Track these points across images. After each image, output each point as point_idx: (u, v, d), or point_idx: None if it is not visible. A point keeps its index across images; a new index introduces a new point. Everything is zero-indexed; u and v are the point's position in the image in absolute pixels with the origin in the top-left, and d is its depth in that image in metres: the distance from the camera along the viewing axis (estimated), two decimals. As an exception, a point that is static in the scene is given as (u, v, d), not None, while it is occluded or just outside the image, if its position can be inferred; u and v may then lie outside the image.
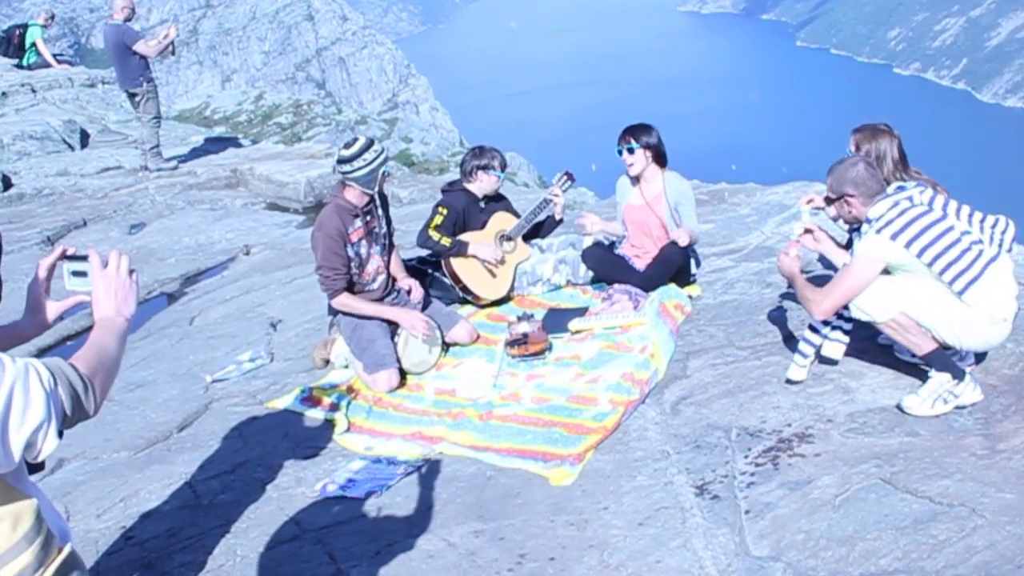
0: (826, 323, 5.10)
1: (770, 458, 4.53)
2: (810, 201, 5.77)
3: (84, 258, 2.37)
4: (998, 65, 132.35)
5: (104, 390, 2.23)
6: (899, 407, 4.74)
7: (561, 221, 7.28)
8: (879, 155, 5.27)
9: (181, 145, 14.65)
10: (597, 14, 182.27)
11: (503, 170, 7.04)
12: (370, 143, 5.95)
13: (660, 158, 6.64)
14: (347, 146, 5.95)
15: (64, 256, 2.42)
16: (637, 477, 4.54)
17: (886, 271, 4.76)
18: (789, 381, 5.19)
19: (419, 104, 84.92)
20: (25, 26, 18.59)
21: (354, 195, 5.95)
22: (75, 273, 2.39)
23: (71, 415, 2.14)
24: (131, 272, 2.44)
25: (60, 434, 2.11)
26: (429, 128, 65.58)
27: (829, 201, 4.99)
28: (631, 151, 6.57)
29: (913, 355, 4.90)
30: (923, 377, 4.84)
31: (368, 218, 6.04)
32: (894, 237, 4.63)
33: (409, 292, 6.30)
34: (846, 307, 4.85)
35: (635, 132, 6.61)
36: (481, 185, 6.99)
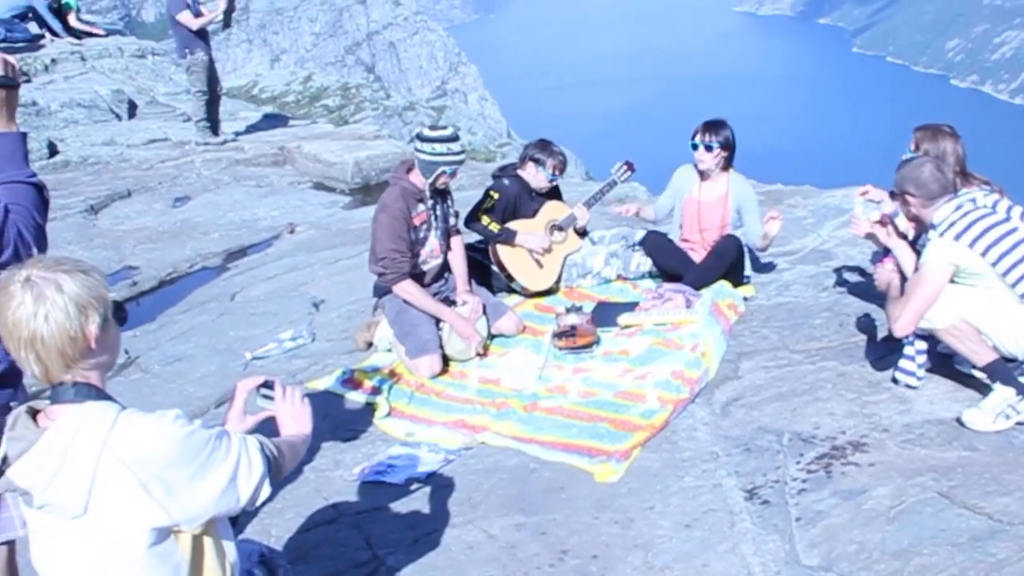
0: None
1: (823, 465, 4.41)
2: (865, 192, 5.71)
3: (272, 385, 2.99)
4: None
5: (287, 463, 2.78)
6: (959, 421, 4.60)
7: (585, 233, 7.08)
8: (939, 156, 5.13)
9: (230, 120, 14.61)
10: (651, 10, 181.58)
11: (556, 173, 6.82)
12: (454, 138, 5.85)
13: (729, 159, 6.50)
14: (433, 127, 5.90)
15: (261, 384, 3.00)
16: (685, 477, 4.44)
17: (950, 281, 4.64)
18: (908, 386, 5.00)
19: (468, 93, 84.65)
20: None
21: (419, 178, 5.86)
22: (264, 396, 3.01)
23: (272, 473, 2.64)
24: (303, 398, 3.03)
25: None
26: (477, 118, 65.54)
27: (893, 196, 4.94)
28: (709, 148, 6.40)
29: (973, 366, 4.77)
30: (983, 390, 4.72)
31: (431, 203, 5.95)
32: (957, 237, 4.58)
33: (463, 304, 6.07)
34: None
35: (715, 129, 6.43)
36: (528, 176, 6.84)
